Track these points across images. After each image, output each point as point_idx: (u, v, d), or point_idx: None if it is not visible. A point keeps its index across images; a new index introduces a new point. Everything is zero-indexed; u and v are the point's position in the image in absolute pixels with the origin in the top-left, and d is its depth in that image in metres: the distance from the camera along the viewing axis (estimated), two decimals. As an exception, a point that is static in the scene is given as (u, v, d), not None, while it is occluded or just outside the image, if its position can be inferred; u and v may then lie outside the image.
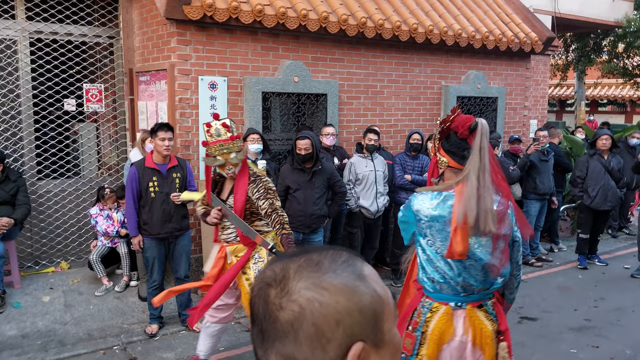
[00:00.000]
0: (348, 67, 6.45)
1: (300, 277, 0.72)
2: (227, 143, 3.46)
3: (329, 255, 0.76)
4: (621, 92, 17.24)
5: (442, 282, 2.40)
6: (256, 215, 3.66)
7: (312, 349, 0.70)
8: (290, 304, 0.71)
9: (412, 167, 6.13)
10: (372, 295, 0.73)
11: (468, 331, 2.36)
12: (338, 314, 0.70)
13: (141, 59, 6.14)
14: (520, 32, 7.61)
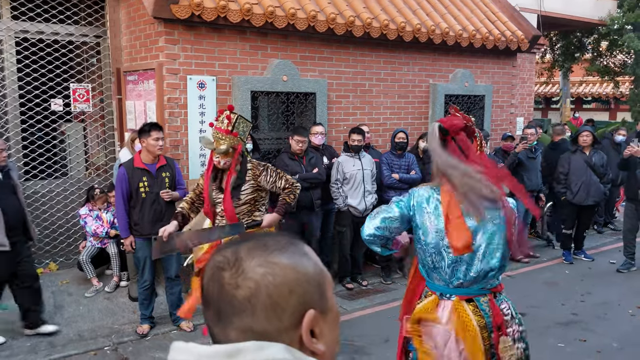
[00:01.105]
0: (337, 65, 6.47)
1: (253, 257, 0.80)
2: (222, 133, 3.66)
3: (273, 238, 0.85)
4: (605, 89, 17.47)
5: (433, 271, 2.45)
6: (257, 206, 3.87)
7: (268, 319, 0.78)
8: (246, 282, 0.78)
9: (399, 166, 6.18)
10: (315, 267, 0.83)
11: (452, 322, 2.38)
12: (290, 285, 0.79)
13: (129, 59, 6.11)
14: (506, 30, 7.69)
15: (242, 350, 0.75)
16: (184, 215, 3.91)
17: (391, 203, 2.52)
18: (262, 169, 3.87)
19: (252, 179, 3.83)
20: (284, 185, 3.90)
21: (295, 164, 5.49)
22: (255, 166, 3.87)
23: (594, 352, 4.46)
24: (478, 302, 2.40)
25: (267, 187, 3.88)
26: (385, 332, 4.65)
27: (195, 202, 3.97)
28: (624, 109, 16.23)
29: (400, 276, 6.42)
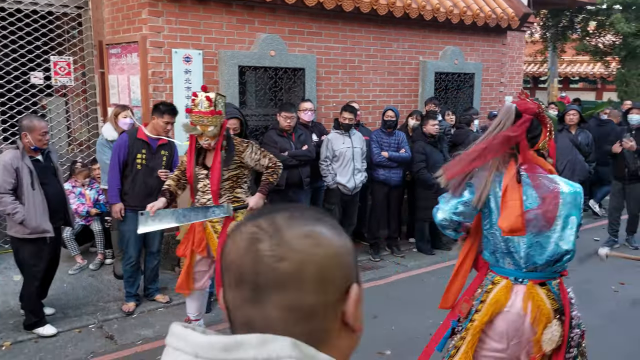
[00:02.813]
0: (326, 41, 6.35)
1: (294, 227, 0.74)
2: (206, 116, 3.59)
3: (305, 209, 0.79)
4: (592, 69, 17.52)
5: (506, 256, 2.44)
6: (239, 183, 3.89)
7: (316, 293, 0.72)
8: (290, 253, 0.72)
9: (389, 144, 6.12)
10: (349, 240, 0.79)
11: (527, 307, 2.38)
12: (336, 256, 0.75)
13: (111, 31, 5.92)
14: (497, 7, 7.60)
15: (242, 343, 0.68)
16: (171, 192, 3.88)
17: (467, 187, 2.48)
18: (246, 146, 3.88)
19: (236, 155, 3.84)
20: (267, 163, 3.93)
21: (284, 140, 5.41)
22: (239, 143, 3.88)
23: (579, 329, 4.51)
24: (550, 285, 2.41)
25: (251, 165, 3.90)
26: (373, 308, 4.65)
27: (181, 179, 3.95)
28: (610, 88, 16.30)
29: (388, 253, 6.42)
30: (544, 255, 2.37)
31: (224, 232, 3.82)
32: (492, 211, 2.41)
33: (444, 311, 4.24)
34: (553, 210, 2.34)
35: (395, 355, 4.03)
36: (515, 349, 2.44)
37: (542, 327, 2.36)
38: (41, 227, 4.02)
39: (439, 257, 6.40)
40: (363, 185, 5.98)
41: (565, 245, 2.37)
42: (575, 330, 2.44)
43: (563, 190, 2.39)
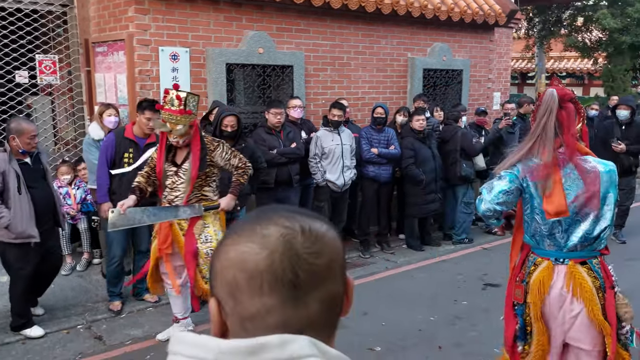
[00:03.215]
0: (314, 38, 6.34)
1: (315, 221, 0.77)
2: (175, 115, 3.60)
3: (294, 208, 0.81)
4: (579, 65, 17.66)
5: (547, 238, 2.54)
6: (208, 181, 3.89)
7: (339, 283, 0.77)
8: (325, 248, 0.75)
9: (378, 141, 6.14)
10: None
11: (569, 285, 2.49)
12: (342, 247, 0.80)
13: (97, 29, 5.87)
14: (484, 4, 7.63)
15: (265, 345, 0.68)
16: (141, 189, 3.84)
17: (502, 176, 2.56)
18: (216, 145, 3.87)
19: (207, 154, 3.83)
20: (237, 163, 3.92)
21: (272, 138, 5.40)
22: (210, 141, 3.87)
23: (567, 322, 4.55)
24: (591, 264, 2.52)
25: (221, 164, 3.89)
26: (363, 305, 4.66)
27: (151, 176, 3.91)
28: (597, 84, 16.46)
29: (378, 250, 6.44)
30: (582, 235, 2.48)
31: (190, 231, 3.81)
32: (532, 196, 2.52)
33: (433, 307, 4.25)
34: (597, 191, 2.46)
35: (386, 351, 4.04)
36: (559, 330, 2.55)
37: (588, 305, 2.47)
38: (26, 232, 3.96)
39: (428, 253, 6.43)
40: (352, 182, 5.99)
41: (604, 223, 2.49)
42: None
43: (600, 169, 2.49)
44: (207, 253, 3.81)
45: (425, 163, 6.24)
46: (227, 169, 3.96)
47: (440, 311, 4.74)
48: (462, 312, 4.74)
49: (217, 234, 3.89)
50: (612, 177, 2.52)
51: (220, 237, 3.82)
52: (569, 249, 2.51)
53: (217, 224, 3.93)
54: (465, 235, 6.83)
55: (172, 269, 3.92)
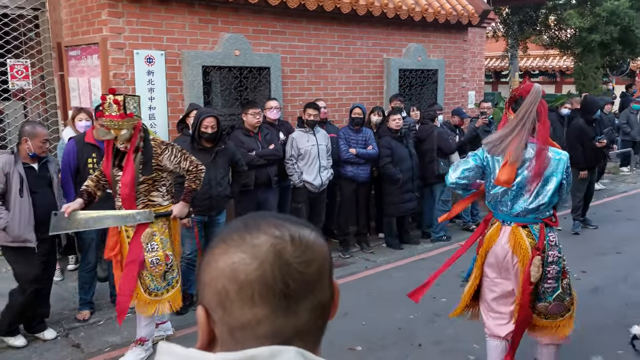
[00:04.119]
0: (290, 40, 6.35)
1: (304, 232, 0.77)
2: (116, 120, 3.50)
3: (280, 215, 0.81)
4: (551, 63, 18.01)
5: (498, 204, 3.19)
6: (156, 186, 3.75)
7: (328, 289, 0.78)
8: (315, 256, 0.75)
9: (356, 141, 6.18)
10: None
11: (510, 242, 3.12)
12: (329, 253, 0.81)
13: (70, 33, 5.79)
14: (457, 4, 7.74)
15: (255, 358, 0.68)
16: (89, 193, 3.72)
17: (468, 157, 3.25)
18: (164, 148, 3.74)
19: (153, 158, 3.69)
20: (188, 166, 3.80)
21: (250, 140, 5.39)
22: (157, 144, 3.74)
23: (542, 316, 4.66)
24: (531, 228, 3.11)
25: (170, 168, 3.76)
26: (344, 305, 4.64)
27: (100, 180, 3.80)
28: (568, 82, 16.79)
29: (357, 249, 6.48)
30: (524, 204, 3.10)
31: (137, 239, 3.67)
32: (491, 171, 3.16)
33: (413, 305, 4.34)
34: (541, 173, 3.06)
35: (366, 350, 4.08)
36: (506, 277, 3.20)
37: (521, 259, 3.08)
38: (22, 236, 3.90)
39: (407, 252, 6.50)
40: (330, 183, 6.02)
41: (543, 199, 3.08)
42: (552, 266, 3.12)
43: (550, 156, 3.10)
44: (151, 262, 3.69)
45: (403, 162, 6.31)
46: (179, 172, 3.83)
47: (420, 309, 4.80)
48: (441, 310, 4.81)
49: (163, 242, 3.74)
50: (559, 165, 3.10)
51: (167, 245, 3.74)
52: (514, 214, 3.13)
53: (166, 232, 3.78)
54: (443, 232, 6.92)
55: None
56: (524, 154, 3.03)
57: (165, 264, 3.75)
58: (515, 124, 3.06)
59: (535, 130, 3.05)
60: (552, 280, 3.13)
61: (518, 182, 3.07)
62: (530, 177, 3.04)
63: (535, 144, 3.06)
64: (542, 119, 3.06)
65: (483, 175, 3.22)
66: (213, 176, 4.75)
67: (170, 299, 3.83)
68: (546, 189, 3.06)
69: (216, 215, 4.89)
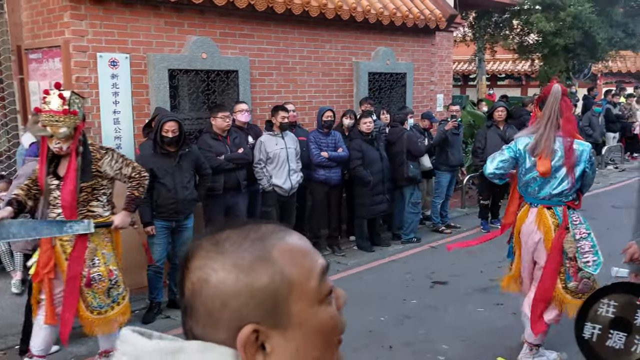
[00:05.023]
0: (258, 43, 6.32)
1: (198, 256, 0.73)
2: (58, 115, 3.28)
3: (240, 233, 0.73)
4: (517, 66, 18.42)
5: (527, 189, 3.67)
6: (96, 195, 3.52)
7: (203, 327, 0.71)
8: (187, 282, 0.73)
9: (327, 144, 6.18)
10: (272, 278, 0.70)
11: (536, 221, 3.61)
12: (223, 296, 0.70)
13: (30, 35, 5.62)
14: (425, 9, 7.83)
15: (184, 349, 0.69)
16: (19, 202, 3.46)
17: (503, 150, 3.73)
18: (104, 152, 3.53)
19: (92, 164, 3.49)
20: (131, 173, 3.60)
21: (219, 144, 5.33)
22: (96, 149, 3.54)
23: (509, 315, 4.73)
24: (555, 210, 3.60)
25: (111, 174, 3.55)
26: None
27: (31, 189, 3.54)
28: (534, 85, 17.20)
29: (329, 253, 6.48)
30: (548, 190, 3.57)
31: (77, 254, 3.42)
32: (524, 161, 3.62)
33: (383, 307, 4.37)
34: (573, 162, 3.52)
35: (337, 353, 4.06)
36: (531, 249, 3.67)
37: (545, 236, 3.57)
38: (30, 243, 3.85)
39: (378, 254, 6.53)
40: (300, 186, 6.00)
41: (567, 185, 3.55)
42: (583, 242, 3.57)
43: (575, 147, 3.54)
44: (93, 279, 3.46)
45: (373, 165, 6.34)
46: (120, 179, 3.63)
47: (390, 311, 4.82)
48: (411, 311, 4.84)
49: (106, 257, 3.52)
50: (583, 155, 3.55)
51: (111, 260, 3.49)
52: (540, 198, 3.62)
53: (109, 246, 3.57)
54: (414, 234, 6.98)
55: (51, 297, 3.46)
56: (553, 147, 3.50)
57: (109, 280, 3.51)
58: (543, 122, 3.53)
59: (560, 126, 3.51)
60: (588, 254, 3.53)
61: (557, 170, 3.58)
62: (561, 167, 3.52)
63: (562, 138, 3.52)
64: (565, 114, 3.51)
65: (516, 165, 3.71)
66: (179, 180, 4.68)
67: (117, 316, 3.59)
68: (567, 177, 3.53)
69: (184, 220, 4.82)
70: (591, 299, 2.93)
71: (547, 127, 3.51)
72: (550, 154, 3.50)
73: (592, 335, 2.88)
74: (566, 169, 3.50)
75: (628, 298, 2.84)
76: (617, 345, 2.85)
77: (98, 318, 3.52)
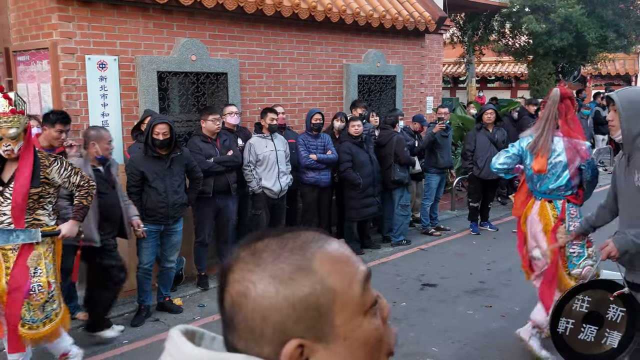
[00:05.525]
0: (248, 45, 6.31)
1: (235, 269, 0.71)
2: (5, 116, 3.21)
3: (279, 242, 0.71)
4: (507, 69, 18.53)
5: (533, 185, 3.93)
6: (42, 203, 3.41)
7: (246, 342, 0.69)
8: (226, 296, 0.71)
9: (316, 146, 6.18)
10: (313, 288, 0.68)
11: (538, 212, 3.90)
12: (264, 310, 0.68)
13: (18, 37, 5.59)
14: (414, 11, 7.87)
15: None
16: None
17: (510, 146, 4.00)
18: (53, 160, 3.42)
19: (41, 169, 3.37)
20: (79, 181, 3.52)
21: (209, 146, 5.32)
22: (45, 156, 3.43)
23: (499, 317, 4.76)
24: (555, 202, 3.86)
25: (59, 182, 3.44)
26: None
27: None
28: (523, 87, 17.30)
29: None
30: (548, 185, 3.83)
31: (21, 263, 3.27)
32: (526, 158, 3.88)
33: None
34: (571, 158, 3.74)
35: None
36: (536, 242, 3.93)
37: (544, 227, 3.84)
38: (88, 235, 3.99)
39: (368, 256, 6.53)
40: (291, 189, 5.99)
41: (562, 182, 3.79)
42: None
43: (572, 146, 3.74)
44: (33, 289, 3.30)
45: (363, 167, 6.35)
46: (68, 188, 3.53)
47: (380, 313, 4.82)
48: (401, 314, 4.84)
49: (47, 267, 3.38)
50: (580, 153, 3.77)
51: (50, 272, 3.37)
52: (542, 192, 3.89)
53: (50, 257, 3.42)
54: (403, 237, 6.99)
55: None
56: (551, 146, 3.74)
57: (48, 292, 3.37)
58: (541, 123, 3.80)
59: (559, 126, 3.77)
60: (576, 246, 3.78)
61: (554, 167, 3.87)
62: (558, 164, 3.77)
63: (560, 137, 3.77)
64: (563, 116, 3.75)
65: (521, 161, 3.98)
66: (169, 184, 4.65)
67: (47, 335, 3.43)
68: (564, 174, 3.77)
69: (173, 224, 4.79)
70: (567, 296, 3.04)
71: (544, 128, 3.76)
72: (547, 153, 3.74)
73: (565, 329, 3.00)
74: (562, 166, 3.74)
75: (602, 294, 2.95)
76: (588, 338, 2.98)
77: (28, 333, 3.35)
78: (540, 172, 3.78)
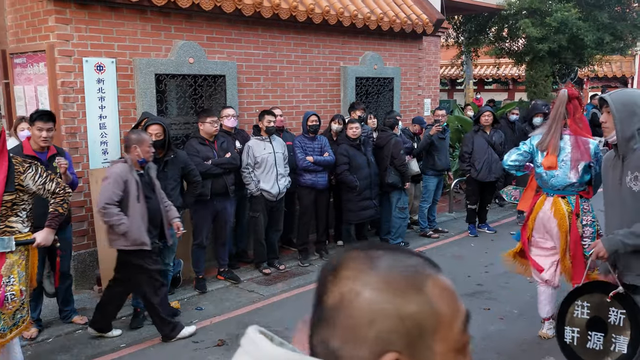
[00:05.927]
0: (246, 47, 6.31)
1: (349, 267, 0.71)
2: None
3: (394, 256, 0.73)
4: (504, 71, 18.58)
5: (544, 182, 4.07)
6: (15, 210, 3.33)
7: (344, 341, 0.69)
8: (334, 290, 0.71)
9: (312, 149, 6.18)
10: (422, 307, 0.69)
11: (551, 209, 4.03)
12: (373, 313, 0.68)
13: (15, 40, 5.57)
14: (412, 13, 7.88)
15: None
16: None
17: (521, 145, 4.19)
18: (27, 166, 3.35)
19: (15, 175, 3.29)
20: (54, 188, 3.44)
21: (206, 149, 5.31)
22: (19, 162, 3.35)
23: (497, 320, 4.75)
24: (568, 198, 4.02)
25: (34, 189, 3.37)
26: (304, 314, 4.65)
27: None
28: (520, 89, 17.34)
29: (317, 258, 6.46)
30: (560, 182, 3.99)
31: None
32: (535, 156, 4.08)
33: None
34: (580, 157, 3.91)
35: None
36: (548, 237, 4.11)
37: (559, 222, 3.98)
38: (140, 239, 4.08)
39: (366, 259, 6.52)
40: (288, 191, 5.99)
41: (572, 178, 3.96)
42: (587, 228, 3.98)
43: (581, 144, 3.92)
44: (7, 298, 3.22)
45: (360, 170, 6.34)
46: (43, 195, 3.44)
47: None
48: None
49: (19, 276, 3.30)
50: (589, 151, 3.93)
51: (22, 280, 3.31)
52: (554, 188, 4.04)
53: (23, 265, 3.33)
54: (401, 239, 6.99)
55: None
56: (560, 144, 3.92)
57: (20, 300, 3.31)
58: (549, 122, 3.99)
59: (567, 125, 3.95)
60: (587, 239, 3.94)
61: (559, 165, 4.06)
62: (568, 161, 3.94)
63: (568, 135, 3.94)
64: (572, 115, 3.93)
65: (531, 159, 4.15)
66: (162, 187, 4.62)
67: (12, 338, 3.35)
68: (574, 170, 3.92)
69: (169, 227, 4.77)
70: (567, 302, 3.02)
71: (552, 127, 3.94)
72: (555, 150, 3.92)
73: (572, 339, 2.96)
74: (571, 163, 3.92)
75: (599, 297, 2.94)
76: (597, 346, 2.93)
77: None
78: (550, 168, 3.95)
